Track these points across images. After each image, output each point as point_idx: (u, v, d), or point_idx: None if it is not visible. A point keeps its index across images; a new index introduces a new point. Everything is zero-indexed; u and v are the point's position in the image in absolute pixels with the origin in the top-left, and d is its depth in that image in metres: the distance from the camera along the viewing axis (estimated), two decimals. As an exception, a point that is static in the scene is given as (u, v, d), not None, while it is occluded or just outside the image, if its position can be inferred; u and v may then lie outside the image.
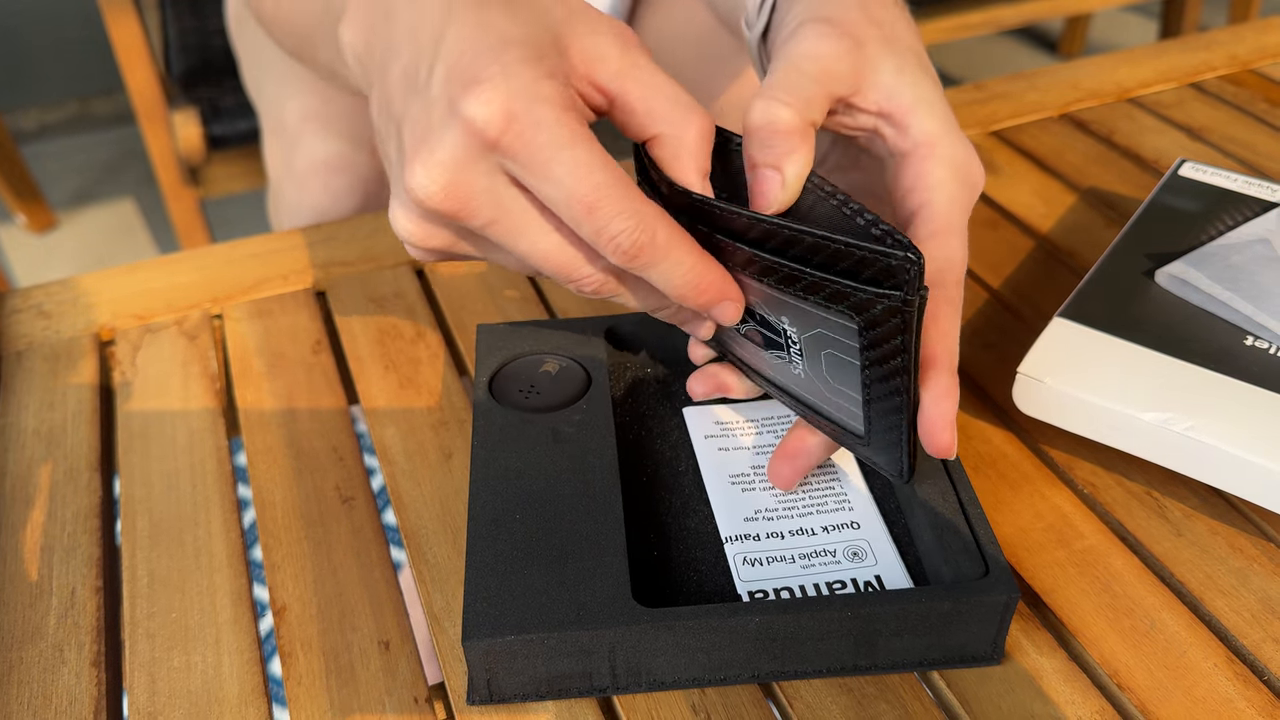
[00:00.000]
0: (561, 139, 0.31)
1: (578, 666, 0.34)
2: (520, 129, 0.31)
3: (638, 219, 0.31)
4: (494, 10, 0.32)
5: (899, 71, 0.37)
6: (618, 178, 0.31)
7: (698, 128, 0.34)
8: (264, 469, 0.45)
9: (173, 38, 1.39)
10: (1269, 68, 0.72)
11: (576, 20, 0.33)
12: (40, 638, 0.39)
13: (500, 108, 0.30)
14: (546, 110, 0.31)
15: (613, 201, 0.31)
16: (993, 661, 0.36)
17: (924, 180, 0.37)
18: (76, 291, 0.55)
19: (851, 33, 0.37)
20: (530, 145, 0.31)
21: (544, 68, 0.31)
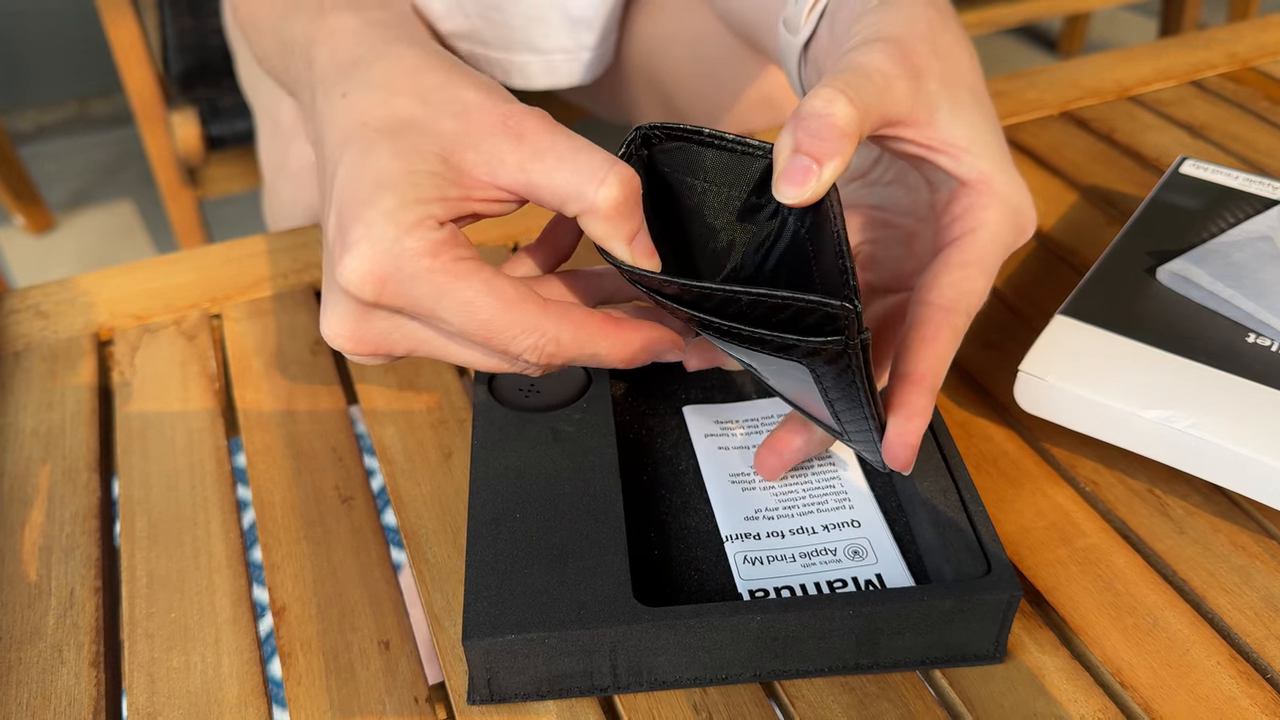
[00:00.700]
0: (438, 287, 0.32)
1: (579, 666, 0.34)
2: (394, 289, 0.32)
3: (535, 334, 0.33)
4: (378, 147, 0.34)
5: (954, 111, 0.37)
6: (506, 302, 0.32)
7: (606, 193, 0.33)
8: (263, 469, 0.45)
9: (171, 38, 1.39)
10: (1269, 65, 0.72)
11: (470, 130, 0.34)
12: (39, 638, 0.39)
13: (370, 277, 0.32)
14: (415, 264, 0.32)
15: (505, 328, 0.33)
16: (995, 660, 0.36)
17: (975, 214, 0.37)
18: (75, 292, 0.55)
19: (915, 63, 0.37)
20: (409, 300, 0.32)
21: (410, 216, 0.32)
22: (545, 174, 0.33)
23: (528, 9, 0.78)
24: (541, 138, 0.34)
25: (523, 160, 0.34)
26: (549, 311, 0.33)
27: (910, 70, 0.36)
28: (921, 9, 0.39)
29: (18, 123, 2.08)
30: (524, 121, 0.34)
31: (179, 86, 1.28)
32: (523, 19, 0.79)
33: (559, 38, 0.80)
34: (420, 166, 0.33)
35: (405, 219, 0.32)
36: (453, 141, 0.34)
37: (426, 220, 0.32)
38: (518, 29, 0.80)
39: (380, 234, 0.32)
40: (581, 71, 0.83)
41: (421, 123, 0.34)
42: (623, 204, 0.33)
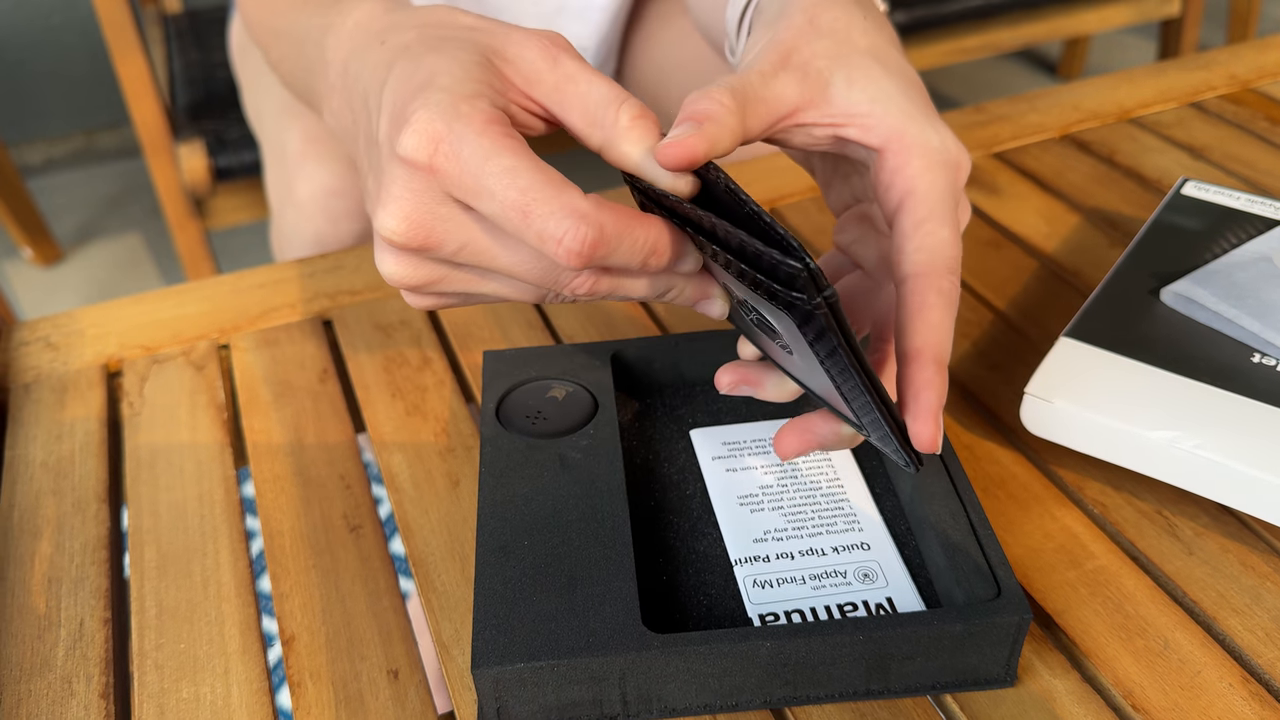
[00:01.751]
0: (485, 150, 0.32)
1: (588, 694, 0.34)
2: (447, 149, 0.32)
3: (575, 217, 0.32)
4: (424, 54, 0.35)
5: (849, 81, 0.37)
6: (547, 179, 0.32)
7: (629, 115, 0.35)
8: (271, 498, 0.45)
9: (178, 71, 1.40)
10: (1268, 86, 0.73)
11: (506, 41, 0.36)
12: (49, 670, 0.39)
13: (426, 136, 0.33)
14: (466, 127, 0.32)
15: (545, 202, 0.32)
16: (1006, 683, 0.36)
17: (902, 172, 0.37)
18: (83, 323, 0.56)
19: (794, 58, 0.37)
20: (458, 161, 0.32)
21: (466, 90, 0.33)
22: (578, 96, 0.35)
23: None
24: (572, 61, 0.36)
25: (558, 80, 0.35)
26: (590, 198, 0.33)
27: (791, 61, 0.37)
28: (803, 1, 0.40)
29: (26, 156, 2.09)
30: (559, 48, 0.36)
31: (186, 119, 1.29)
32: None
33: None
34: (466, 59, 0.35)
35: (462, 91, 0.33)
36: (496, 52, 0.36)
37: (480, 96, 0.34)
38: None
39: (438, 101, 0.33)
40: None
41: (464, 38, 0.36)
42: (642, 118, 0.34)
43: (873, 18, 0.40)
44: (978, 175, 0.64)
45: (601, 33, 0.79)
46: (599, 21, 0.79)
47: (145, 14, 1.61)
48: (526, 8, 0.77)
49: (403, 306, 0.55)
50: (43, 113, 2.07)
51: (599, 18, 0.78)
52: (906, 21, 1.53)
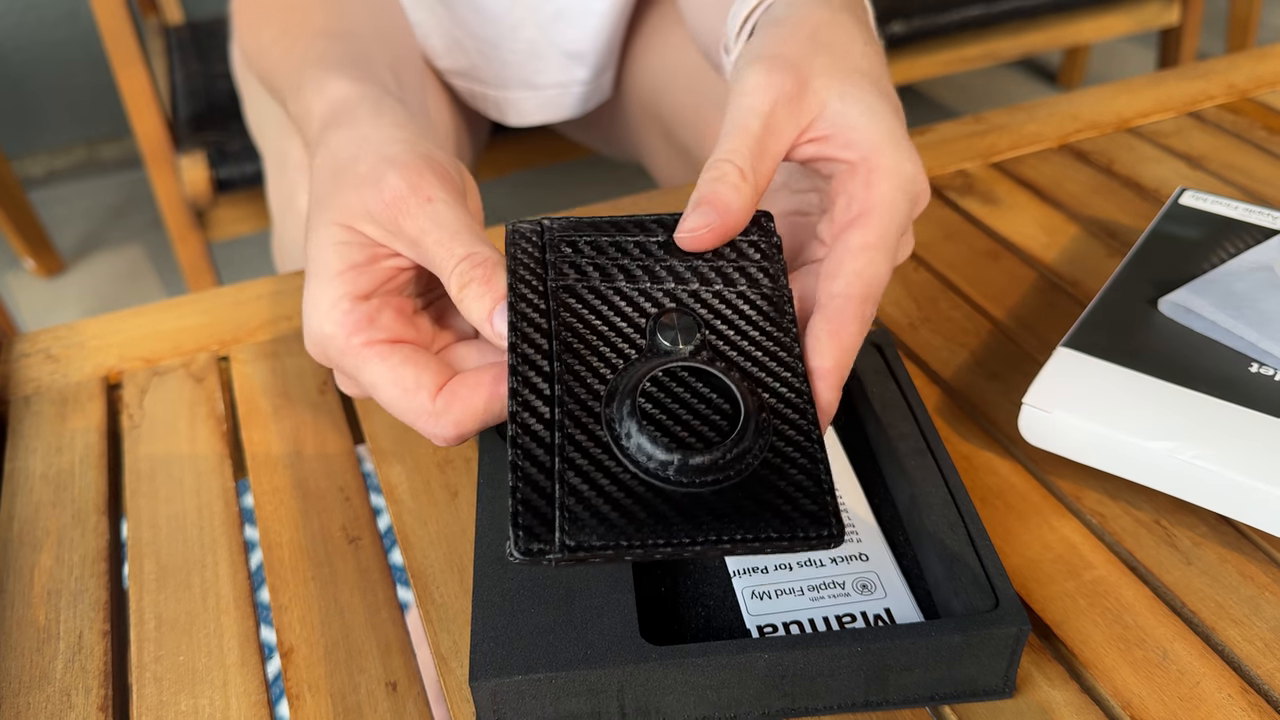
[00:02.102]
0: (353, 365, 0.38)
1: (586, 706, 0.34)
2: (332, 360, 0.39)
3: (425, 419, 0.37)
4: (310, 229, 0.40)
5: (843, 97, 0.38)
6: (402, 390, 0.37)
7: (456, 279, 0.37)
8: (271, 510, 0.45)
9: (179, 83, 1.40)
10: (1267, 95, 0.73)
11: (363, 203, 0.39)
12: (47, 682, 0.39)
13: (313, 349, 0.39)
14: (332, 344, 0.38)
15: (402, 412, 0.38)
16: (1004, 695, 0.36)
17: (870, 189, 0.37)
18: (84, 335, 0.56)
19: (797, 71, 0.38)
20: (341, 367, 0.39)
21: (328, 299, 0.38)
22: (424, 256, 0.38)
23: (523, 45, 0.79)
24: (414, 228, 0.38)
25: (404, 245, 0.39)
26: (432, 408, 0.37)
27: (794, 81, 0.38)
28: (809, 10, 0.41)
29: (28, 167, 2.10)
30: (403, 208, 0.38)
31: (187, 130, 1.30)
32: (518, 55, 0.80)
33: (553, 73, 0.82)
34: (327, 240, 0.39)
35: (326, 298, 0.38)
36: (350, 215, 0.39)
37: (343, 299, 0.38)
38: (513, 65, 0.81)
39: (309, 318, 0.39)
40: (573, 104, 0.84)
41: (329, 199, 0.40)
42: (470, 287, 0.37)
43: (873, 45, 0.41)
44: (976, 184, 0.65)
45: (599, 39, 0.80)
46: (596, 27, 0.79)
47: (147, 26, 1.62)
48: (524, 15, 0.78)
49: (402, 318, 0.56)
50: (44, 124, 2.07)
51: (596, 23, 0.78)
52: (906, 32, 1.53)
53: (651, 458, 0.32)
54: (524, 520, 0.31)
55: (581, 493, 0.32)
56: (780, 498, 0.32)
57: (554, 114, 0.85)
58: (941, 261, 0.58)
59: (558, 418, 0.33)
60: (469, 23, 0.78)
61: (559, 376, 0.34)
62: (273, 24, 0.54)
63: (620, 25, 0.81)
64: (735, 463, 0.33)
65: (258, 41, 0.56)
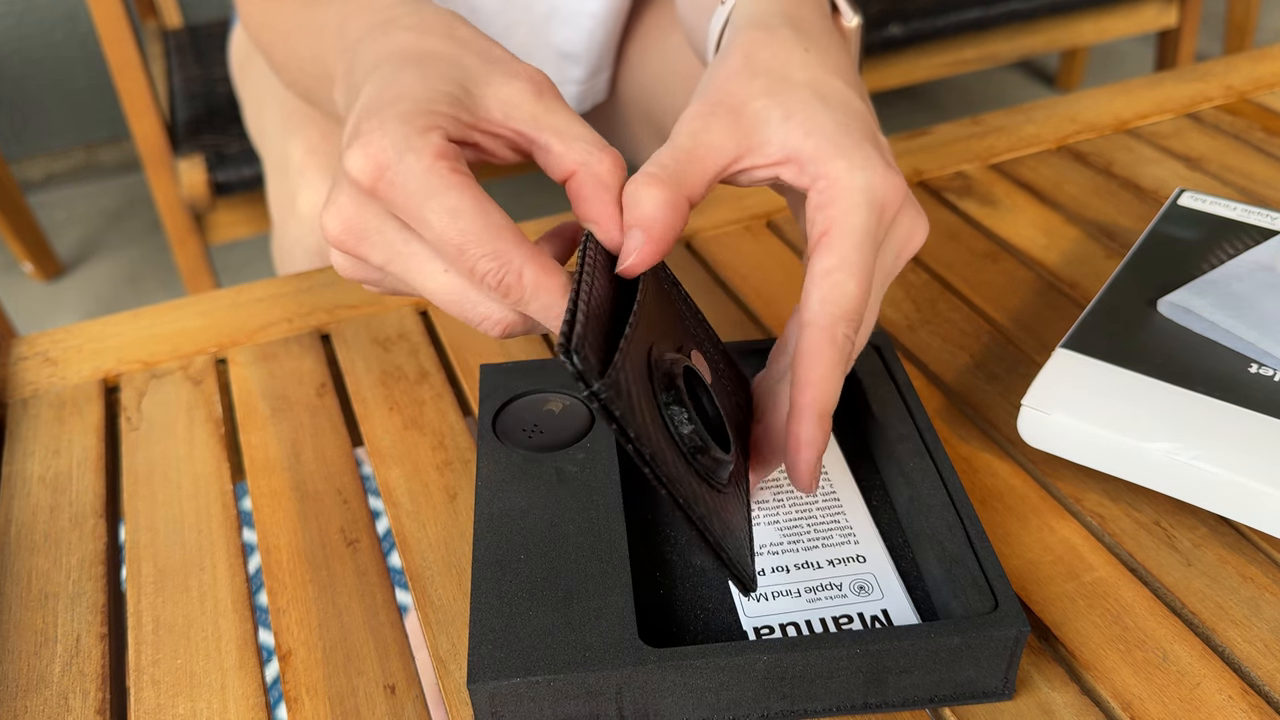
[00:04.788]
0: (430, 187, 0.33)
1: (585, 708, 0.34)
2: (391, 178, 0.34)
3: (502, 260, 0.33)
4: (405, 69, 0.37)
5: (786, 116, 0.37)
6: (486, 222, 0.33)
7: (609, 163, 0.36)
8: (269, 513, 0.45)
9: (177, 86, 1.40)
10: (1265, 97, 0.73)
11: (492, 70, 0.37)
12: (45, 686, 0.39)
13: (372, 161, 0.34)
14: (415, 160, 0.33)
15: (479, 244, 0.33)
16: (1004, 697, 0.36)
17: (824, 211, 0.36)
18: (82, 338, 0.56)
19: (729, 103, 0.37)
20: (401, 193, 0.34)
21: (424, 120, 0.34)
22: (555, 130, 0.36)
23: (517, 45, 0.79)
24: (556, 100, 0.37)
25: (537, 112, 0.36)
26: (522, 245, 0.34)
27: (727, 115, 0.37)
28: (744, 34, 0.40)
29: (27, 171, 2.10)
30: (541, 79, 0.37)
31: (186, 134, 1.30)
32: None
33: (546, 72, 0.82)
34: (441, 86, 0.36)
35: (417, 121, 0.34)
36: (477, 75, 0.37)
37: (435, 129, 0.34)
38: None
39: (391, 128, 0.34)
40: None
41: (450, 56, 0.37)
42: (621, 170, 0.36)
43: (815, 49, 0.40)
44: (975, 186, 0.65)
45: (592, 40, 0.80)
46: (589, 28, 0.79)
47: (145, 29, 1.62)
48: (518, 15, 0.78)
49: (400, 320, 0.55)
50: (43, 128, 2.07)
51: (588, 24, 0.79)
52: (904, 35, 1.53)
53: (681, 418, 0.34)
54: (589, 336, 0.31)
55: (631, 376, 0.32)
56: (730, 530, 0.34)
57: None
58: (940, 263, 0.58)
59: (630, 320, 0.34)
60: None
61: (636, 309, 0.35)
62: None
63: (615, 27, 0.81)
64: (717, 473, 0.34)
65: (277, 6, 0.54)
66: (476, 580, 0.36)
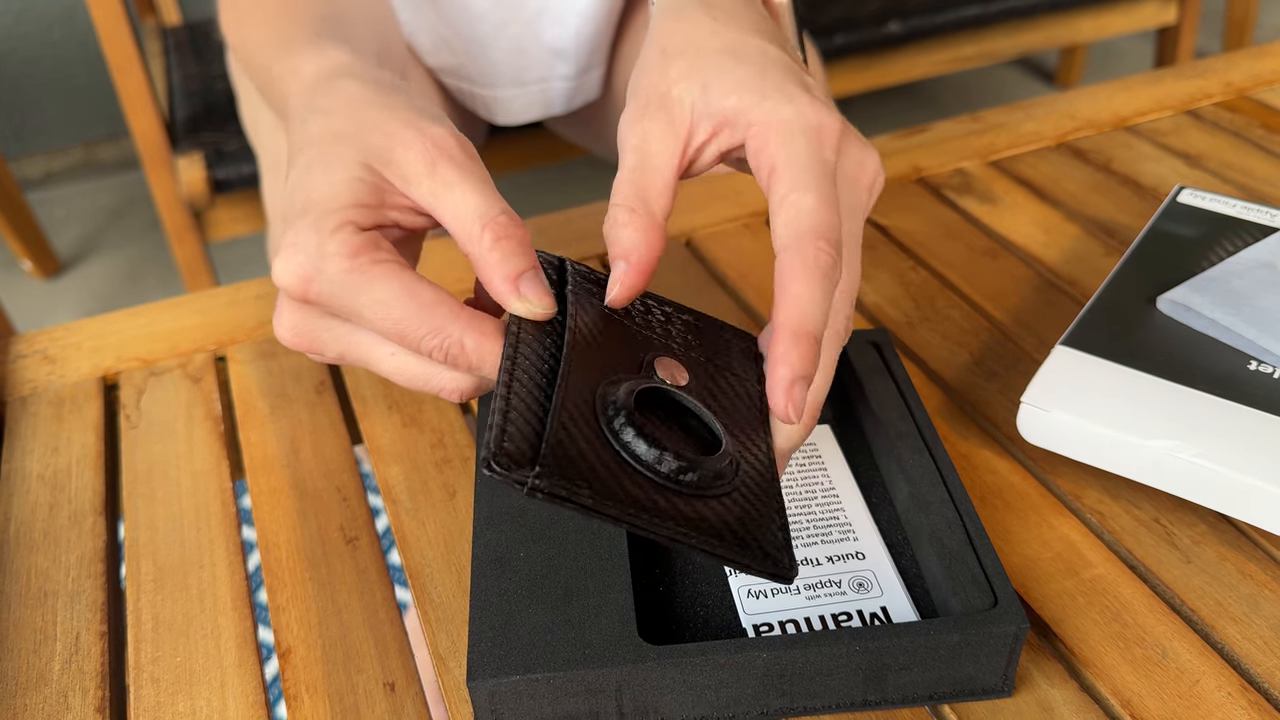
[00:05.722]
0: (354, 285, 0.35)
1: (584, 706, 0.34)
2: (318, 288, 0.35)
3: (441, 335, 0.34)
4: (312, 167, 0.37)
5: (706, 88, 0.37)
6: (418, 304, 0.34)
7: (488, 240, 0.36)
8: (268, 510, 0.45)
9: (176, 84, 1.40)
10: (1265, 94, 0.73)
11: (392, 146, 0.37)
12: (44, 684, 0.39)
13: (296, 275, 0.35)
14: (334, 265, 0.35)
15: (415, 326, 0.34)
16: (1003, 693, 0.36)
17: (763, 153, 0.36)
18: (81, 336, 0.56)
19: (656, 98, 0.38)
20: (330, 297, 0.35)
21: (331, 223, 0.35)
22: (451, 205, 0.36)
23: (508, 43, 0.80)
24: (451, 172, 0.36)
25: (434, 187, 0.36)
26: (459, 316, 0.35)
27: (653, 106, 0.38)
28: (656, 25, 0.40)
29: (26, 168, 2.10)
30: (440, 153, 0.37)
31: (184, 131, 1.30)
32: (504, 53, 0.80)
33: (536, 69, 0.82)
34: (342, 175, 0.36)
35: (326, 225, 0.35)
36: (375, 154, 0.37)
37: (346, 226, 0.35)
38: (500, 63, 0.81)
39: (305, 240, 0.35)
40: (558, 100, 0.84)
41: (352, 137, 0.37)
42: (499, 245, 0.35)
43: (723, 16, 0.40)
44: (974, 183, 0.65)
45: (581, 36, 0.80)
46: (578, 25, 0.79)
47: (144, 27, 1.62)
48: (509, 13, 0.78)
49: (400, 318, 0.55)
50: (42, 126, 2.07)
51: (577, 21, 0.79)
52: (903, 31, 1.53)
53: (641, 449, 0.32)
54: (511, 430, 0.30)
55: (574, 435, 0.31)
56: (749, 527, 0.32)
57: (540, 111, 0.86)
58: (939, 260, 0.58)
59: (559, 375, 0.33)
60: (456, 21, 0.79)
61: (565, 356, 0.34)
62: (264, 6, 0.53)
63: (606, 24, 0.81)
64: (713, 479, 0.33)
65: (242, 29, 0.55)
66: (476, 578, 0.36)
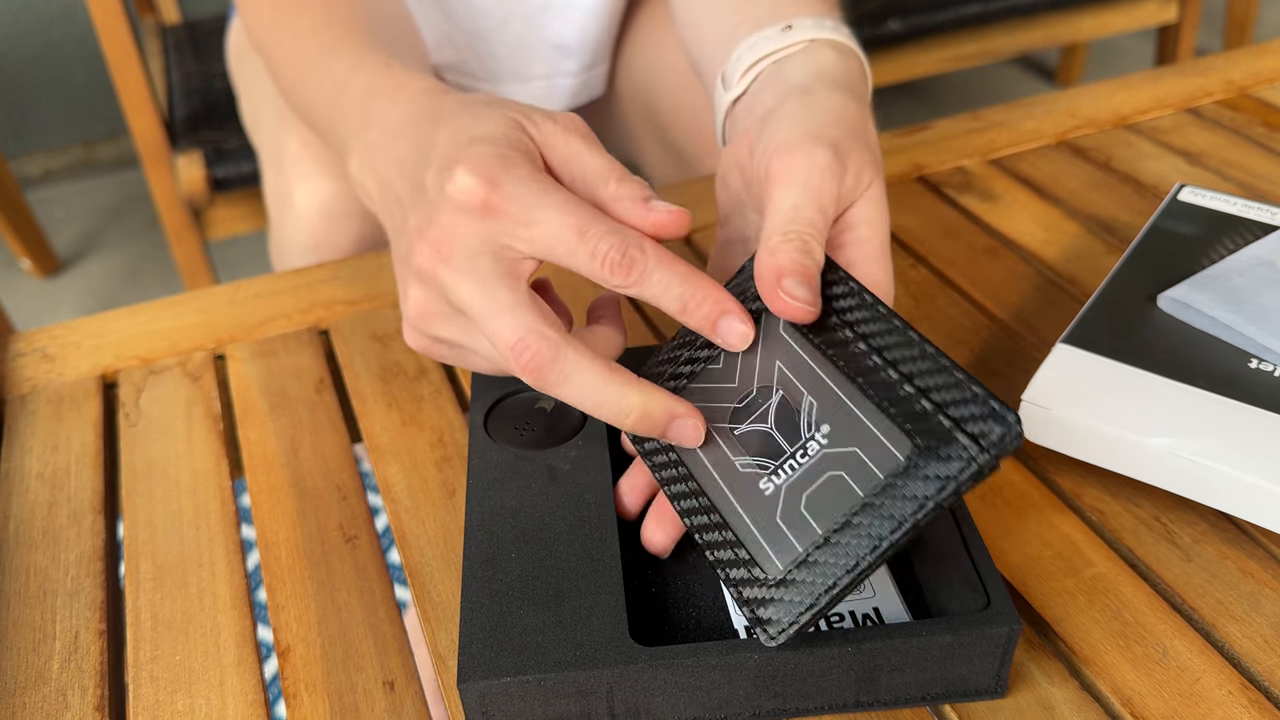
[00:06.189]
0: (544, 187, 0.37)
1: (576, 708, 0.34)
2: (505, 189, 0.37)
3: (623, 235, 0.36)
4: (464, 118, 0.40)
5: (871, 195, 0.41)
6: (594, 213, 0.37)
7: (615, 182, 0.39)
8: (267, 509, 0.45)
9: (176, 83, 1.40)
10: (1265, 92, 0.73)
11: (531, 113, 0.41)
12: (44, 683, 0.38)
13: (482, 177, 0.37)
14: (520, 171, 0.37)
15: (598, 224, 0.36)
16: (996, 695, 0.36)
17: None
18: (80, 334, 0.56)
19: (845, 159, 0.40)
20: (516, 199, 0.37)
21: (508, 145, 0.38)
22: (580, 168, 0.39)
23: (512, 38, 0.79)
24: (579, 143, 0.40)
25: (566, 154, 0.40)
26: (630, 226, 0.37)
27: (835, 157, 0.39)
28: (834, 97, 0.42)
29: (25, 167, 2.09)
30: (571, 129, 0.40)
31: (184, 130, 1.29)
32: (507, 48, 0.80)
33: (540, 65, 0.82)
34: (500, 120, 0.40)
35: (502, 147, 0.38)
36: (522, 114, 0.40)
37: (526, 147, 0.39)
38: (503, 59, 0.81)
39: (487, 153, 0.37)
40: (562, 97, 0.84)
41: (492, 103, 0.41)
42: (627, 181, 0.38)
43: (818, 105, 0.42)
44: (975, 181, 0.65)
45: (585, 32, 0.80)
46: (582, 21, 0.79)
47: (143, 25, 1.62)
48: (512, 8, 0.78)
49: (399, 316, 0.55)
50: (41, 124, 2.07)
51: (582, 18, 0.79)
52: (904, 30, 1.53)
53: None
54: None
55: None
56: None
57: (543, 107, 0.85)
58: (940, 259, 0.58)
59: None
60: (459, 16, 0.78)
61: None
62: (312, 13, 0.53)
63: (611, 21, 0.81)
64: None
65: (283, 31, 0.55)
66: (467, 579, 0.36)
